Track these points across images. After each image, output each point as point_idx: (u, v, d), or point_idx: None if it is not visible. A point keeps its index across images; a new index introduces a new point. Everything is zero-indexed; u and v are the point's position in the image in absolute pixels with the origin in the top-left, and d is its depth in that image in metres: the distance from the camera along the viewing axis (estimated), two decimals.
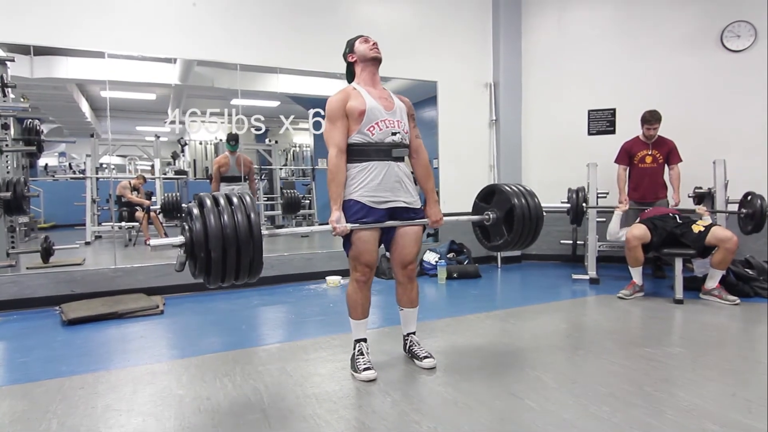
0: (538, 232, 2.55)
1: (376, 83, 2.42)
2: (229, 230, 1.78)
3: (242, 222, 1.81)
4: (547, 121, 5.77)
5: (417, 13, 5.50)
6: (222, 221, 1.79)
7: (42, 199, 7.44)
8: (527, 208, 2.48)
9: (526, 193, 2.55)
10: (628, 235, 3.87)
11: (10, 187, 3.60)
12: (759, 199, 3.84)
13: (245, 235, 1.80)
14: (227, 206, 1.84)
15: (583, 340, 3.01)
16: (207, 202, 1.84)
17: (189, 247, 1.81)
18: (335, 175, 2.26)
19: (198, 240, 1.77)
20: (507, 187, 2.58)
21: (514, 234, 2.50)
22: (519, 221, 2.47)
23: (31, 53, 4.08)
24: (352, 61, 2.46)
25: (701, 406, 2.00)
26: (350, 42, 2.49)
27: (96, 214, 6.56)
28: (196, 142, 7.62)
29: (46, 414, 2.02)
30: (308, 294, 4.36)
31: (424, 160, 2.51)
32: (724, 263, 3.66)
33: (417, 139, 2.49)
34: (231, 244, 1.78)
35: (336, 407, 2.05)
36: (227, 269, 1.81)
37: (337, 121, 2.27)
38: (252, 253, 1.84)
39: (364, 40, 2.45)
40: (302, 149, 9.75)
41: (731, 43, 4.97)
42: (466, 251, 5.37)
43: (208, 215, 1.79)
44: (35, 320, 3.58)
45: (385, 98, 2.38)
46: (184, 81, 4.85)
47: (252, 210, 1.86)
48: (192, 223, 1.80)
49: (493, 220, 2.58)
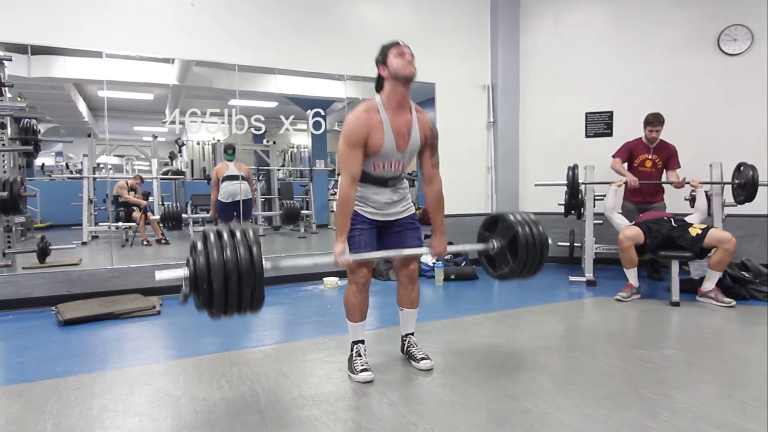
0: (543, 259, 2.56)
1: (403, 109, 2.27)
2: (230, 264, 1.82)
3: (244, 255, 1.85)
4: (545, 124, 5.78)
5: (415, 15, 5.51)
6: (225, 254, 1.84)
7: (39, 198, 7.44)
8: (531, 236, 2.49)
9: (530, 222, 2.56)
10: (621, 237, 3.87)
11: (6, 187, 3.58)
12: (751, 170, 4.02)
13: (247, 268, 1.85)
14: (230, 240, 1.88)
15: (579, 342, 3.02)
16: (210, 237, 1.89)
17: (192, 280, 1.86)
18: (345, 207, 2.20)
19: (201, 272, 1.82)
20: (511, 215, 2.59)
21: (519, 262, 2.51)
22: (523, 249, 2.48)
23: (28, 52, 4.07)
24: (383, 75, 2.26)
25: (697, 407, 2.00)
26: (384, 50, 2.27)
27: (93, 214, 6.56)
28: (193, 143, 7.62)
29: (42, 414, 2.02)
30: (305, 295, 4.36)
31: (437, 190, 2.45)
32: (722, 264, 3.66)
33: (433, 169, 2.42)
34: (232, 275, 1.82)
35: (333, 408, 2.05)
36: (229, 301, 1.86)
37: (356, 149, 2.17)
38: (253, 284, 1.87)
39: (400, 53, 2.23)
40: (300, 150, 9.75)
41: (728, 46, 4.99)
42: (464, 253, 5.37)
43: (211, 249, 1.84)
44: (31, 320, 3.57)
45: (403, 135, 2.26)
46: (182, 81, 4.85)
47: (254, 243, 1.91)
48: (196, 257, 1.85)
49: (498, 248, 2.60)
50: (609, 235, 5.09)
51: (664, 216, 4.03)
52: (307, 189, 8.06)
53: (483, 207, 5.82)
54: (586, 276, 4.61)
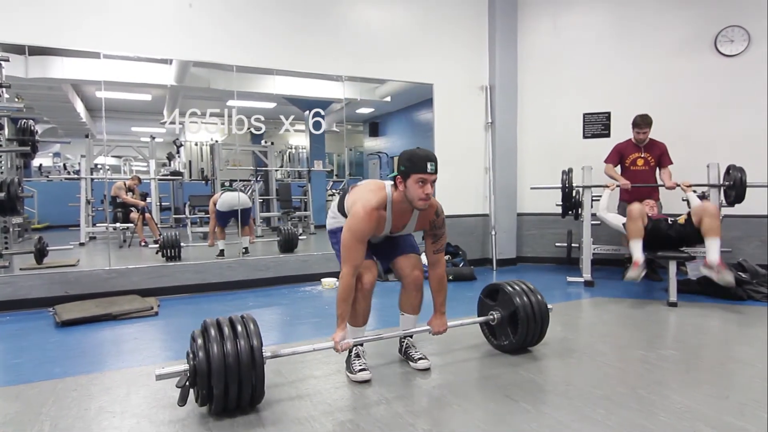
0: (544, 331, 2.62)
1: (409, 212, 2.32)
2: (231, 361, 1.87)
3: (245, 351, 1.90)
4: (543, 124, 5.79)
5: (413, 16, 5.52)
6: (225, 351, 1.88)
7: (36, 199, 7.42)
8: (530, 308, 2.53)
9: (529, 292, 2.60)
10: (631, 207, 3.92)
11: (3, 188, 3.58)
12: (739, 172, 4.14)
13: (247, 366, 1.89)
14: (231, 336, 1.93)
15: (577, 342, 3.02)
16: (211, 332, 1.93)
17: (192, 378, 1.90)
18: (347, 296, 2.22)
19: (201, 373, 1.87)
20: (510, 287, 2.63)
21: (519, 336, 2.57)
22: (523, 323, 2.53)
23: (26, 53, 4.06)
24: (399, 186, 2.21)
25: (694, 408, 2.01)
26: (408, 166, 2.14)
27: (90, 215, 6.54)
28: (191, 143, 7.61)
29: (39, 416, 2.01)
30: (303, 296, 4.36)
31: (439, 274, 2.47)
32: (713, 229, 3.65)
33: (435, 255, 2.44)
34: (233, 380, 1.87)
35: (331, 409, 2.05)
36: (228, 402, 1.92)
37: (361, 243, 2.20)
38: (254, 384, 1.93)
39: (422, 182, 2.13)
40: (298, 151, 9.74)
41: (725, 47, 5.01)
42: (462, 253, 5.38)
43: (210, 347, 1.89)
44: (29, 321, 3.56)
45: (398, 227, 2.36)
46: (180, 82, 4.85)
47: (255, 336, 1.96)
48: (196, 351, 1.90)
49: (498, 320, 2.62)
50: (607, 236, 5.10)
51: (661, 217, 4.06)
52: (306, 190, 8.06)
53: (481, 208, 5.83)
54: (584, 276, 4.62)
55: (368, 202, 2.20)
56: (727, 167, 4.23)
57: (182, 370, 1.91)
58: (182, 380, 1.89)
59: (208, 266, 4.56)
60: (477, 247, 5.80)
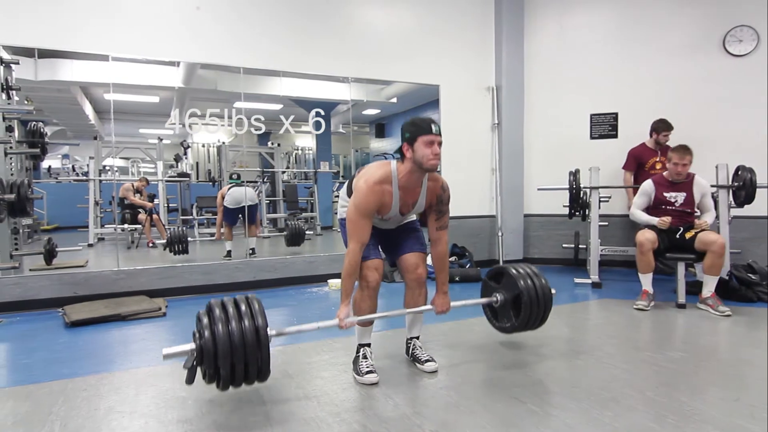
0: (546, 315, 2.60)
1: (417, 187, 2.30)
2: (237, 341, 1.86)
3: (250, 331, 1.89)
4: (550, 125, 5.77)
5: (419, 17, 5.52)
6: (230, 329, 1.88)
7: (45, 201, 7.48)
8: (534, 291, 2.52)
9: (533, 275, 2.58)
10: (642, 239, 3.76)
11: (14, 189, 3.61)
12: (749, 173, 4.10)
13: (253, 345, 1.89)
14: (235, 315, 1.92)
15: (584, 344, 3.01)
16: (216, 312, 1.93)
17: (199, 358, 1.90)
18: (353, 271, 2.23)
19: (207, 354, 1.87)
20: (514, 269, 2.61)
21: (522, 319, 2.55)
22: (527, 307, 2.51)
23: (35, 56, 4.10)
24: (406, 154, 2.20)
25: (704, 411, 1.99)
26: (413, 130, 2.16)
27: (99, 216, 6.59)
28: (198, 145, 7.65)
29: (49, 416, 2.03)
30: (310, 297, 4.37)
31: (442, 252, 2.47)
32: (715, 267, 3.60)
33: (438, 231, 2.44)
34: (239, 359, 1.87)
35: (338, 410, 2.05)
36: (236, 380, 1.92)
37: (366, 218, 2.21)
38: (260, 363, 1.93)
39: (429, 143, 2.13)
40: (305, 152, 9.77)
41: (733, 47, 4.98)
42: (468, 255, 5.37)
43: (216, 326, 1.88)
44: (38, 322, 3.59)
45: (408, 205, 2.33)
46: (188, 84, 4.87)
47: (260, 315, 1.95)
48: (202, 331, 1.90)
49: (501, 302, 2.61)
50: (614, 237, 5.09)
51: (673, 225, 3.96)
52: (312, 191, 8.07)
53: (487, 209, 5.81)
54: (592, 278, 4.60)
55: (371, 176, 2.22)
56: (736, 168, 4.19)
57: (189, 350, 1.90)
58: (189, 361, 1.89)
59: (216, 267, 4.58)
60: (484, 249, 5.79)
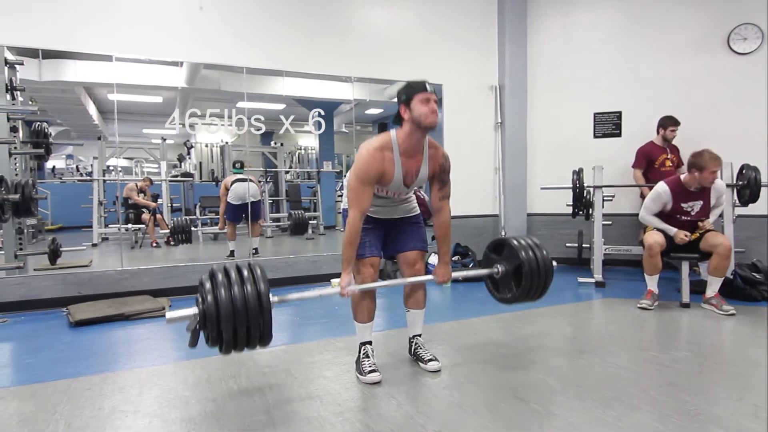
0: (547, 286, 2.58)
1: (417, 151, 2.28)
2: (239, 305, 1.85)
3: (252, 296, 1.88)
4: (553, 124, 5.76)
5: (421, 17, 5.51)
6: (232, 294, 1.86)
7: (49, 201, 7.52)
8: (535, 263, 2.50)
9: (535, 246, 2.56)
10: (651, 242, 3.68)
11: (18, 190, 3.62)
12: (753, 171, 4.05)
13: (255, 310, 1.87)
14: (238, 280, 1.91)
15: (588, 343, 3.00)
16: (218, 277, 1.92)
17: (202, 322, 1.89)
18: (353, 239, 2.24)
19: (210, 318, 1.86)
20: (516, 240, 2.60)
21: (523, 289, 2.53)
22: (527, 277, 2.49)
23: (39, 57, 4.11)
24: (404, 116, 2.21)
25: (708, 410, 1.99)
26: (409, 91, 2.19)
27: (103, 216, 6.62)
28: (202, 145, 7.67)
29: (54, 415, 2.04)
30: None
31: (444, 221, 2.46)
32: (720, 269, 3.58)
33: (441, 201, 2.43)
34: (241, 323, 1.86)
35: (341, 409, 2.06)
36: (238, 343, 1.90)
37: (367, 185, 2.21)
38: (262, 327, 1.91)
39: (425, 100, 2.16)
40: (308, 152, 9.78)
41: (738, 45, 4.95)
42: (471, 254, 5.36)
43: (218, 291, 1.87)
44: (43, 321, 3.61)
45: (413, 172, 2.29)
46: (191, 84, 4.88)
47: (262, 281, 1.93)
48: (205, 296, 1.89)
49: (502, 273, 2.60)
50: (618, 236, 5.07)
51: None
52: (315, 191, 8.08)
53: (490, 208, 5.81)
54: (595, 277, 4.59)
55: (372, 143, 2.24)
56: (740, 166, 4.17)
57: (191, 314, 1.90)
58: (192, 324, 1.89)
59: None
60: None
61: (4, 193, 3.41)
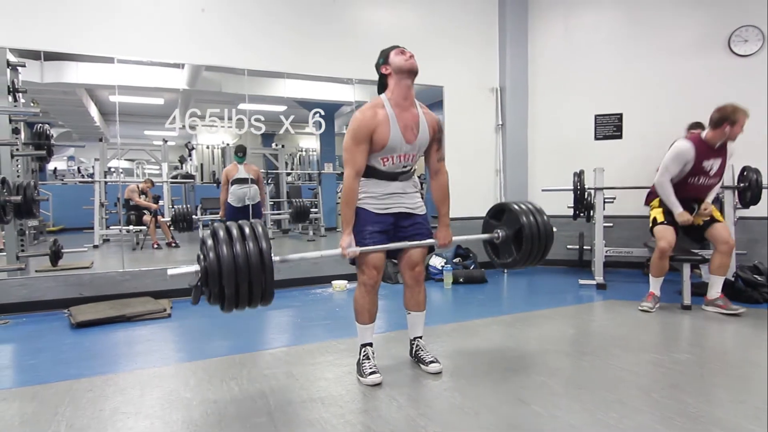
0: (547, 250, 2.58)
1: (409, 101, 2.31)
2: (241, 262, 1.84)
3: (254, 253, 1.87)
4: (554, 126, 5.76)
5: (423, 19, 5.52)
6: (234, 252, 1.85)
7: (51, 202, 7.52)
8: (536, 226, 2.49)
9: (535, 211, 2.56)
10: (664, 244, 3.55)
11: (20, 191, 3.63)
12: (754, 173, 4.07)
13: (257, 267, 1.86)
14: (240, 237, 1.89)
15: (590, 345, 3.00)
16: (220, 234, 1.90)
17: (203, 279, 1.88)
18: (350, 199, 2.25)
19: (212, 273, 1.84)
20: (516, 205, 2.59)
21: (523, 253, 2.52)
22: (528, 240, 2.49)
23: (41, 58, 4.13)
24: (386, 73, 2.32)
25: (710, 412, 1.98)
26: (384, 52, 2.34)
27: (104, 217, 6.62)
28: (203, 146, 7.68)
29: (55, 416, 2.04)
30: (314, 298, 4.37)
31: (443, 183, 2.48)
32: (723, 268, 3.55)
33: (439, 162, 2.45)
34: (243, 280, 1.84)
35: (342, 411, 2.05)
36: (240, 300, 1.89)
37: (361, 144, 2.22)
38: (264, 283, 1.90)
39: (400, 52, 2.30)
40: (308, 153, 9.79)
41: (739, 47, 4.95)
42: (473, 256, 5.36)
43: (221, 247, 1.85)
44: (44, 323, 3.61)
45: (411, 128, 2.29)
46: (192, 86, 4.89)
47: (264, 239, 1.92)
48: (206, 253, 1.87)
49: (503, 238, 2.60)
50: (619, 239, 5.07)
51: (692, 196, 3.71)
52: (316, 192, 8.08)
53: None
54: (596, 279, 4.58)
55: (363, 106, 2.31)
56: (741, 168, 4.16)
57: (193, 271, 1.89)
58: (193, 279, 1.88)
59: None
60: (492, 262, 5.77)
61: (6, 195, 3.42)
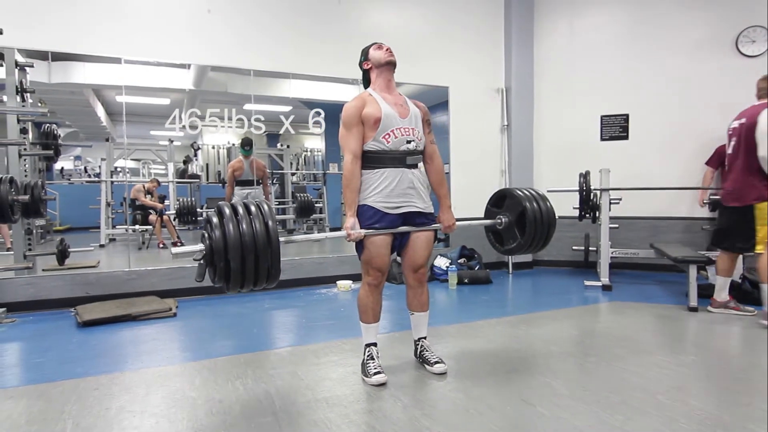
0: (550, 235, 2.56)
1: (391, 89, 2.43)
2: (247, 239, 1.81)
3: (260, 230, 1.84)
4: (559, 127, 5.75)
5: (428, 20, 5.52)
6: (240, 230, 1.82)
7: (58, 202, 7.56)
8: (539, 211, 2.49)
9: (538, 197, 2.55)
10: None
11: (28, 190, 3.66)
12: None
13: (263, 244, 1.83)
14: (246, 215, 1.86)
15: (594, 347, 2.99)
16: (226, 211, 1.86)
17: (209, 256, 1.85)
18: (350, 181, 2.28)
19: (218, 249, 1.81)
20: (518, 191, 2.58)
21: (527, 237, 2.51)
22: (531, 225, 2.47)
23: (49, 59, 4.16)
24: (368, 68, 2.47)
25: (715, 415, 1.97)
26: (365, 50, 2.50)
27: (110, 217, 6.66)
28: (208, 146, 7.71)
29: (62, 414, 2.05)
30: (319, 298, 4.38)
31: (438, 165, 2.52)
32: (726, 270, 3.53)
33: (432, 145, 2.51)
34: (249, 253, 1.81)
35: (346, 411, 2.06)
36: (246, 277, 1.85)
37: (353, 127, 2.29)
38: (270, 260, 1.87)
39: (378, 47, 2.46)
40: (313, 154, 9.79)
41: (746, 48, 4.93)
42: (477, 256, 5.35)
43: (227, 224, 1.82)
44: (51, 321, 3.64)
45: (400, 105, 2.38)
46: (198, 86, 4.91)
47: (270, 218, 1.89)
48: (211, 232, 1.84)
49: (506, 224, 2.59)
50: (625, 240, 5.05)
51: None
52: (321, 192, 8.09)
53: None
54: (602, 281, 4.57)
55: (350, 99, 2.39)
56: None
57: (198, 250, 1.86)
58: (198, 255, 1.86)
59: None
60: (493, 251, 5.71)
61: (13, 194, 3.44)
